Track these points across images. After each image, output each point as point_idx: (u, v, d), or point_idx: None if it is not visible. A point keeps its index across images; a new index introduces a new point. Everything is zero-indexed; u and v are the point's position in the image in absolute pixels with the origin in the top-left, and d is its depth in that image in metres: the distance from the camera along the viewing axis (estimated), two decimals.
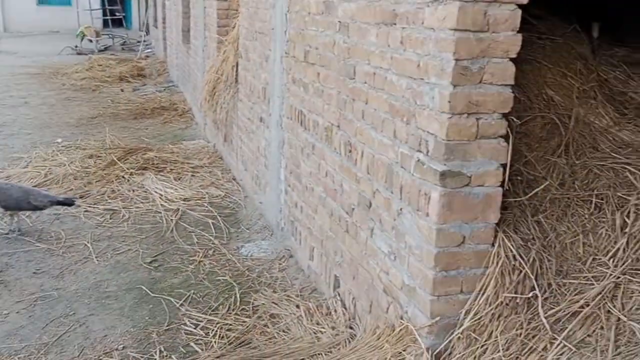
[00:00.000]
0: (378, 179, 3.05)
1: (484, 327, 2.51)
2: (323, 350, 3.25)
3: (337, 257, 3.67)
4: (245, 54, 5.99)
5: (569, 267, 2.62)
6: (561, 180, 2.91)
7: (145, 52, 18.27)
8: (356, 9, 3.24)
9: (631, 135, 3.12)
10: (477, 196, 2.54)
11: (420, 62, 2.60)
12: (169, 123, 9.79)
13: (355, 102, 3.29)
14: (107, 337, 3.63)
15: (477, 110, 2.45)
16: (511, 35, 2.42)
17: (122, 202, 5.90)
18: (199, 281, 4.33)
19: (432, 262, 2.56)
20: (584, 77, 3.38)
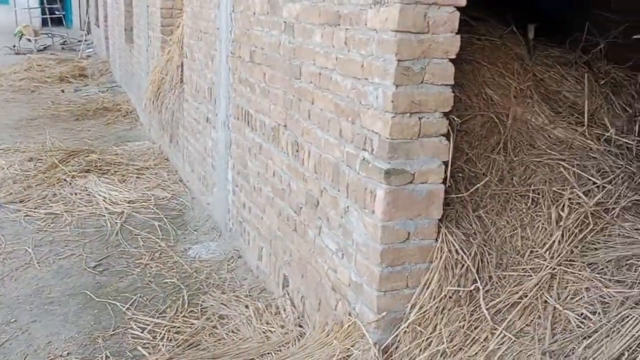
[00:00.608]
0: (325, 178, 3.09)
1: (429, 320, 2.58)
2: (273, 349, 3.26)
3: (286, 256, 3.70)
4: (190, 53, 5.94)
5: (508, 259, 2.72)
6: (500, 177, 3.02)
7: (86, 51, 17.81)
8: (301, 10, 3.26)
9: (565, 132, 3.27)
10: (420, 193, 2.61)
11: (364, 62, 2.65)
12: (113, 124, 9.58)
13: (302, 102, 3.32)
14: (51, 343, 3.54)
15: (419, 110, 2.52)
16: (450, 36, 2.49)
17: (64, 206, 5.74)
18: (145, 284, 4.27)
19: (378, 258, 2.61)
20: (520, 77, 3.51)
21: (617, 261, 2.55)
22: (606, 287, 2.43)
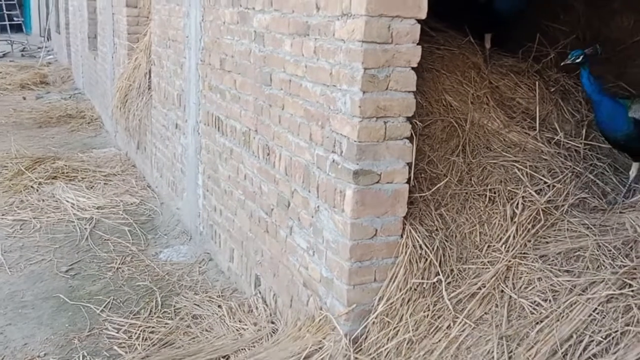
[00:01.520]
0: (296, 179, 3.25)
1: (396, 311, 2.76)
2: (246, 346, 3.40)
3: (258, 256, 3.83)
4: (158, 61, 6.03)
5: (468, 253, 2.92)
6: (460, 177, 3.23)
7: (46, 58, 17.57)
8: (271, 20, 3.43)
9: (519, 136, 3.50)
10: (386, 192, 2.79)
11: (333, 70, 2.83)
12: (77, 131, 9.54)
13: (272, 108, 3.48)
14: (27, 345, 3.60)
15: (384, 114, 2.70)
16: (412, 46, 2.69)
17: (32, 212, 5.75)
18: (118, 287, 4.35)
19: (348, 254, 2.78)
20: (477, 85, 3.74)
21: (566, 253, 2.77)
22: (556, 277, 2.65)
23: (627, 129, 3.03)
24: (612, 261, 2.60)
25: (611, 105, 3.10)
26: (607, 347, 2.34)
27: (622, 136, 3.07)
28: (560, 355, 2.37)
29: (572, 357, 2.35)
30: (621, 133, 3.06)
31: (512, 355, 2.45)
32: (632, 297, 2.42)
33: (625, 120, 3.03)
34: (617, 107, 3.08)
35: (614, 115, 3.06)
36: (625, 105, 3.07)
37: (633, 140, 3.06)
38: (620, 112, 3.05)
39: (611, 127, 3.11)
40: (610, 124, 3.10)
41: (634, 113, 3.02)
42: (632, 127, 3.02)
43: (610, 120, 3.09)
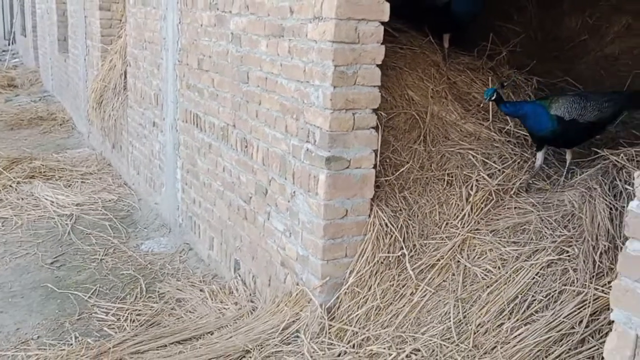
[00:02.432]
0: (273, 168, 3.55)
1: (365, 282, 3.09)
2: (228, 323, 3.68)
3: (237, 242, 4.12)
4: (134, 62, 6.26)
5: (429, 230, 3.27)
6: (421, 164, 3.57)
7: (12, 61, 17.48)
8: (247, 23, 3.72)
9: (474, 126, 3.87)
10: (355, 177, 3.12)
11: (306, 68, 3.14)
12: (49, 133, 9.66)
13: (250, 104, 3.77)
14: (20, 329, 3.82)
15: (353, 107, 3.03)
16: (377, 46, 3.02)
17: (12, 210, 5.92)
18: (103, 276, 4.58)
19: (322, 232, 3.10)
20: (437, 80, 4.09)
21: (513, 227, 3.14)
22: (504, 247, 3.01)
23: (552, 126, 3.36)
24: (553, 232, 2.97)
25: (533, 110, 3.43)
26: (547, 304, 2.71)
27: (549, 133, 3.40)
28: (507, 313, 2.73)
29: (517, 314, 2.71)
30: (547, 130, 3.39)
31: (466, 314, 2.80)
32: (569, 261, 2.80)
33: (549, 119, 3.36)
34: (539, 109, 3.40)
35: (539, 117, 3.38)
36: (545, 106, 3.40)
37: (559, 135, 3.40)
38: (542, 113, 3.38)
39: (538, 127, 3.43)
40: (538, 125, 3.42)
41: (555, 111, 3.36)
42: (556, 124, 3.35)
43: (537, 122, 3.41)
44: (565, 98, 3.42)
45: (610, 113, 3.43)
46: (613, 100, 3.43)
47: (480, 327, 2.75)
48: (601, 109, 3.38)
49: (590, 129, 3.44)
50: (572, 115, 3.35)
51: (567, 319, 2.60)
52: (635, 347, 1.65)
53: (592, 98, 3.41)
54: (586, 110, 3.35)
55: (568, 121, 3.35)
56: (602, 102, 3.39)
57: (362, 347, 2.89)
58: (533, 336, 2.58)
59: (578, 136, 3.46)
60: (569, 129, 3.36)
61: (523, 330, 2.64)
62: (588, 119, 3.37)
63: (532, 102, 3.53)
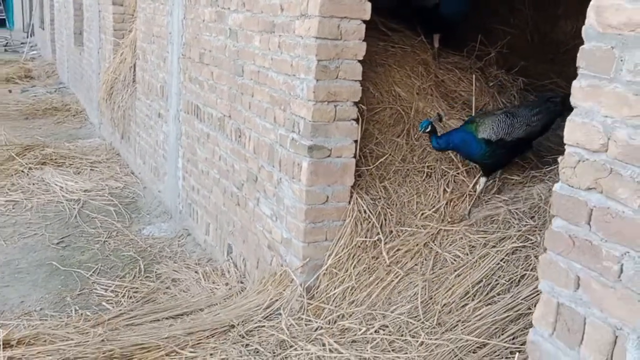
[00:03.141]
0: (262, 156, 3.77)
1: (342, 264, 3.29)
2: (219, 301, 3.90)
3: (230, 227, 4.35)
4: (143, 55, 6.51)
5: (406, 219, 3.46)
6: (403, 156, 3.77)
7: (30, 53, 17.89)
8: (243, 19, 3.94)
9: (457, 123, 4.04)
10: (336, 165, 3.33)
11: (293, 62, 3.35)
12: (63, 123, 9.97)
13: (244, 96, 4.00)
14: (24, 302, 4.07)
15: (335, 99, 3.24)
16: (359, 42, 3.22)
17: (23, 194, 6.20)
18: (105, 257, 4.84)
19: (304, 216, 3.31)
20: (424, 78, 4.28)
21: (484, 218, 3.32)
22: (473, 235, 3.20)
23: (481, 150, 3.35)
24: (519, 222, 3.16)
25: (462, 139, 3.39)
26: (509, 287, 2.90)
27: (481, 156, 3.39)
28: (472, 295, 2.93)
29: (481, 295, 2.91)
30: (478, 154, 3.39)
31: (432, 295, 3.00)
32: (532, 248, 2.99)
33: (478, 144, 3.35)
34: (467, 136, 3.37)
35: (469, 144, 3.37)
36: (472, 131, 3.37)
37: (489, 157, 3.38)
38: (471, 139, 3.36)
39: (470, 152, 3.42)
40: (470, 151, 3.41)
41: (482, 134, 3.35)
42: (485, 147, 3.34)
43: (468, 148, 3.40)
44: (491, 119, 3.40)
45: (542, 125, 3.45)
46: (543, 112, 3.43)
47: (445, 306, 2.94)
48: (530, 123, 3.40)
49: (521, 144, 3.44)
50: (499, 136, 3.34)
51: (525, 301, 2.79)
52: (557, 313, 1.84)
53: (520, 114, 3.41)
54: (513, 127, 3.36)
55: (496, 142, 3.34)
56: (531, 116, 3.41)
57: (336, 322, 3.10)
58: (492, 315, 2.78)
59: (508, 156, 3.46)
60: (498, 150, 3.36)
61: (484, 310, 2.83)
62: (516, 136, 3.37)
63: (461, 129, 3.46)
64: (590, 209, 1.75)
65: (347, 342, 2.92)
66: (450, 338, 2.74)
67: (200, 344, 3.19)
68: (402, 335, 2.86)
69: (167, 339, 3.22)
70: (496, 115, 3.45)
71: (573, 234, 1.80)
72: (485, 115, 3.53)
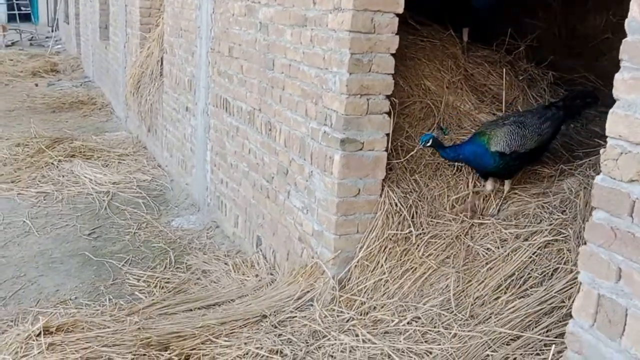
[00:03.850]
0: (293, 150, 3.81)
1: (374, 256, 3.32)
2: (249, 292, 3.96)
3: (259, 219, 4.40)
4: (170, 49, 6.58)
5: (437, 212, 3.48)
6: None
7: (55, 47, 18.14)
8: (274, 13, 3.98)
9: (487, 117, 4.05)
10: (368, 158, 3.35)
11: (325, 55, 3.38)
12: (89, 116, 10.11)
13: (274, 89, 4.03)
14: (59, 291, 4.17)
15: (367, 92, 3.26)
16: (391, 36, 3.24)
17: (53, 186, 6.32)
18: (136, 247, 4.92)
19: (335, 209, 3.34)
20: (453, 72, 4.28)
21: (515, 214, 3.33)
22: (505, 230, 3.21)
23: (495, 162, 3.32)
24: (550, 215, 3.16)
25: (473, 152, 3.36)
26: (542, 281, 2.91)
27: (494, 169, 3.37)
28: (504, 288, 2.94)
29: (513, 288, 2.92)
30: (492, 167, 3.36)
31: (465, 288, 3.02)
32: (564, 242, 2.99)
33: (491, 157, 3.32)
34: (479, 149, 3.34)
35: (481, 158, 3.34)
36: (484, 143, 3.33)
37: (503, 169, 3.37)
38: (483, 152, 3.32)
39: (483, 165, 3.39)
40: (482, 164, 3.38)
41: (495, 147, 3.31)
42: (499, 159, 3.31)
43: (480, 161, 3.37)
44: (503, 130, 3.34)
45: (551, 133, 3.43)
46: (550, 119, 3.40)
47: (477, 299, 2.96)
48: (541, 133, 3.36)
49: (534, 154, 3.43)
50: (512, 148, 3.31)
51: (558, 294, 2.80)
52: (598, 304, 1.86)
53: (530, 124, 3.37)
54: (526, 139, 3.32)
55: (510, 154, 3.31)
56: (540, 124, 3.37)
57: (368, 314, 3.13)
58: (525, 308, 2.79)
59: (522, 165, 3.45)
60: (512, 162, 3.34)
61: (517, 303, 2.85)
62: (529, 147, 3.35)
63: (471, 141, 3.43)
64: (633, 201, 1.76)
65: (380, 333, 2.96)
66: (483, 330, 2.76)
67: (233, 333, 3.25)
68: (435, 327, 2.89)
69: (201, 328, 3.28)
70: (506, 125, 3.37)
71: (615, 226, 1.80)
72: (496, 125, 3.44)
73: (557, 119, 3.45)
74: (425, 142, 3.36)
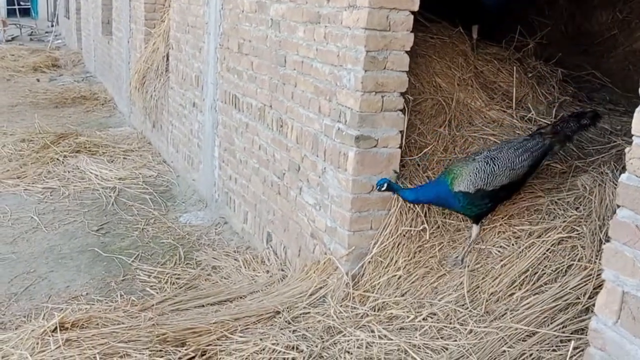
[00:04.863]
0: (305, 146, 3.82)
1: (387, 253, 3.34)
2: (260, 288, 3.97)
3: (270, 216, 4.41)
4: (177, 45, 6.58)
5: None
6: (445, 147, 3.80)
7: (55, 42, 18.09)
8: (286, 9, 3.98)
9: (497, 114, 4.07)
10: (382, 155, 3.37)
11: (340, 53, 3.39)
12: (92, 112, 10.10)
13: (286, 86, 4.04)
14: (70, 287, 4.18)
15: (382, 90, 3.27)
16: (406, 33, 3.25)
17: (59, 182, 6.32)
18: (145, 243, 4.93)
19: (349, 205, 3.36)
20: (464, 69, 4.29)
21: (527, 209, 3.34)
22: (518, 226, 3.22)
23: (460, 203, 3.13)
24: (564, 212, 3.18)
25: (436, 193, 3.17)
26: (556, 277, 2.93)
27: (461, 209, 3.20)
28: (519, 284, 2.96)
29: (528, 285, 2.94)
30: (458, 208, 3.19)
31: (479, 284, 3.04)
32: (578, 239, 3.01)
33: (454, 197, 3.12)
34: (441, 189, 3.14)
35: (444, 199, 3.16)
36: (448, 183, 3.13)
37: (471, 209, 3.16)
38: (446, 192, 3.13)
39: (448, 206, 3.25)
40: (447, 205, 3.23)
41: (457, 187, 3.10)
42: (463, 199, 3.11)
43: (445, 202, 3.20)
44: (469, 168, 3.12)
45: (531, 165, 3.18)
46: (530, 150, 3.17)
47: (492, 295, 2.98)
48: (514, 167, 3.12)
49: (508, 190, 3.19)
50: (477, 187, 3.09)
51: (573, 291, 2.82)
52: (622, 302, 1.87)
53: (502, 158, 3.13)
54: (494, 175, 3.09)
55: (474, 193, 3.10)
56: (515, 158, 3.13)
57: (383, 310, 3.15)
58: (540, 305, 2.81)
59: (494, 203, 3.20)
60: (479, 201, 3.12)
61: (532, 299, 2.87)
62: (499, 184, 3.11)
63: (435, 181, 3.27)
64: None
65: (396, 329, 2.97)
66: (499, 326, 2.78)
67: (248, 329, 3.26)
68: (451, 323, 2.90)
69: (215, 324, 3.29)
70: (475, 161, 3.15)
71: None
72: (464, 162, 3.21)
73: (539, 148, 3.20)
74: (380, 187, 3.21)
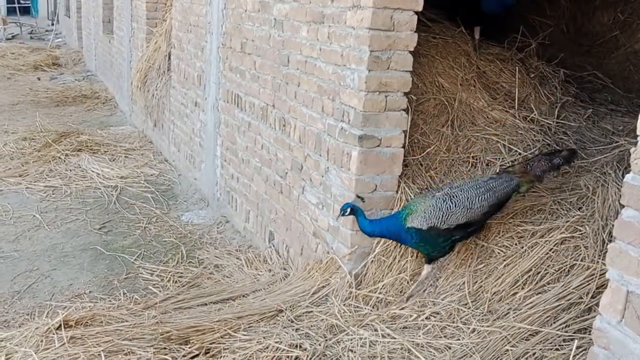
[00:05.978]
0: (308, 146, 3.83)
1: (390, 252, 3.35)
2: (263, 287, 3.99)
3: (272, 215, 4.42)
4: (179, 44, 6.58)
5: None
6: (447, 146, 3.81)
7: (55, 41, 18.09)
8: (290, 9, 3.99)
9: (500, 114, 4.08)
10: (385, 155, 3.38)
11: (343, 52, 3.40)
12: (93, 110, 10.11)
13: (289, 85, 4.05)
14: (73, 285, 4.19)
15: (385, 89, 3.28)
16: (410, 33, 3.26)
17: (61, 180, 6.33)
18: (147, 242, 4.94)
19: None
20: (466, 69, 4.30)
21: (530, 208, 3.35)
22: (521, 226, 3.24)
23: (412, 239, 3.08)
24: (567, 212, 3.19)
25: (388, 228, 3.13)
26: (559, 277, 2.94)
27: (414, 245, 3.15)
28: (521, 283, 2.97)
29: (531, 284, 2.95)
30: (411, 243, 3.13)
31: (482, 284, 3.05)
32: (581, 239, 3.02)
33: (407, 233, 3.07)
34: (396, 223, 3.09)
35: (397, 233, 3.11)
36: (402, 218, 3.08)
37: (424, 245, 3.11)
38: (399, 227, 3.08)
39: (402, 241, 3.20)
40: (400, 240, 3.19)
41: (410, 223, 3.05)
42: (415, 236, 3.06)
43: (398, 237, 3.16)
44: (426, 204, 3.05)
45: (493, 205, 3.08)
46: (492, 190, 3.07)
47: (495, 295, 2.99)
48: (471, 207, 3.02)
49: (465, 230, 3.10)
50: (430, 224, 3.02)
51: (576, 290, 2.83)
52: (626, 301, 1.89)
53: (461, 197, 3.04)
54: (449, 213, 3.02)
55: (427, 230, 3.04)
56: (474, 197, 3.03)
57: (386, 309, 3.16)
58: (543, 304, 2.82)
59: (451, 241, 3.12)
60: (432, 239, 3.07)
61: (535, 299, 2.88)
62: (454, 222, 3.03)
63: (391, 216, 3.22)
64: None
65: (399, 328, 2.98)
66: (502, 325, 2.79)
67: (251, 328, 3.27)
68: (454, 322, 2.92)
69: (218, 322, 3.30)
70: (434, 198, 3.08)
71: None
72: (424, 197, 3.14)
73: (504, 188, 3.10)
74: (343, 212, 3.18)
